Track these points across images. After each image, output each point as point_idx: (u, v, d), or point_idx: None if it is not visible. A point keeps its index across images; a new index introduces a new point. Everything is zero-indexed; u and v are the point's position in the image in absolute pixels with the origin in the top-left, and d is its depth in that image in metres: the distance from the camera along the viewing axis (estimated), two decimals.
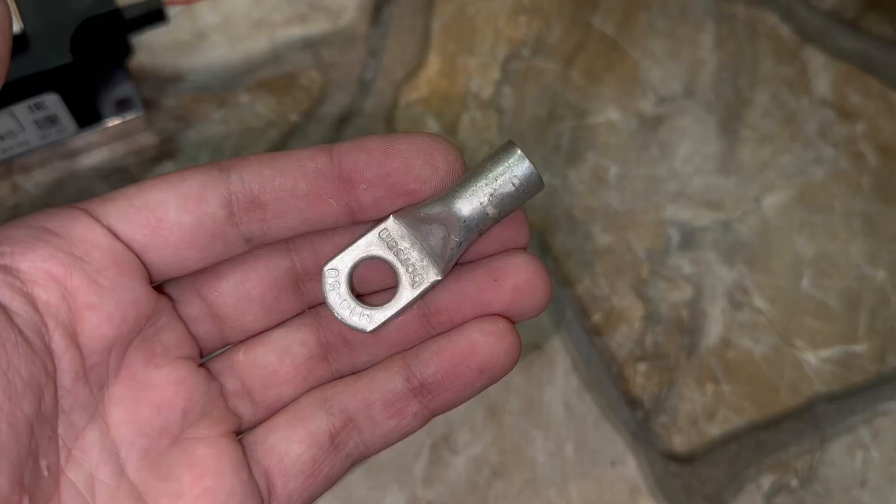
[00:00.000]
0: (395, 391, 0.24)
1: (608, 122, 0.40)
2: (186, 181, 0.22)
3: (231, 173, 0.23)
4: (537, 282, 0.24)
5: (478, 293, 0.24)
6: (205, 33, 0.40)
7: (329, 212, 0.23)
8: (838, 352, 0.36)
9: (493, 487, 0.33)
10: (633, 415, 0.34)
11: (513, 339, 0.24)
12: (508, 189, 0.23)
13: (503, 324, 0.24)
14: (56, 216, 0.22)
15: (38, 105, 0.33)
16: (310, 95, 0.39)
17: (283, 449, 0.23)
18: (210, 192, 0.22)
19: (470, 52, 0.41)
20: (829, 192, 0.39)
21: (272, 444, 0.24)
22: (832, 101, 0.41)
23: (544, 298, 0.24)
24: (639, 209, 0.38)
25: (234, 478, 0.23)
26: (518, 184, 0.23)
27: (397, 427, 0.24)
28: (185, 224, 0.22)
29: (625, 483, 0.33)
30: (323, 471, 0.24)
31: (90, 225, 0.22)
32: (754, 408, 0.35)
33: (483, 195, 0.23)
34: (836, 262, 0.38)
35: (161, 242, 0.22)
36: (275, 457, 0.23)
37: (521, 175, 0.23)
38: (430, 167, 0.23)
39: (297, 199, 0.23)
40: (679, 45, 0.42)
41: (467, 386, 0.24)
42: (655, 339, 0.36)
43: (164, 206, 0.22)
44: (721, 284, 0.37)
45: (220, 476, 0.22)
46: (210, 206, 0.22)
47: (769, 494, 0.34)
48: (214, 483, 0.22)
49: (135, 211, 0.22)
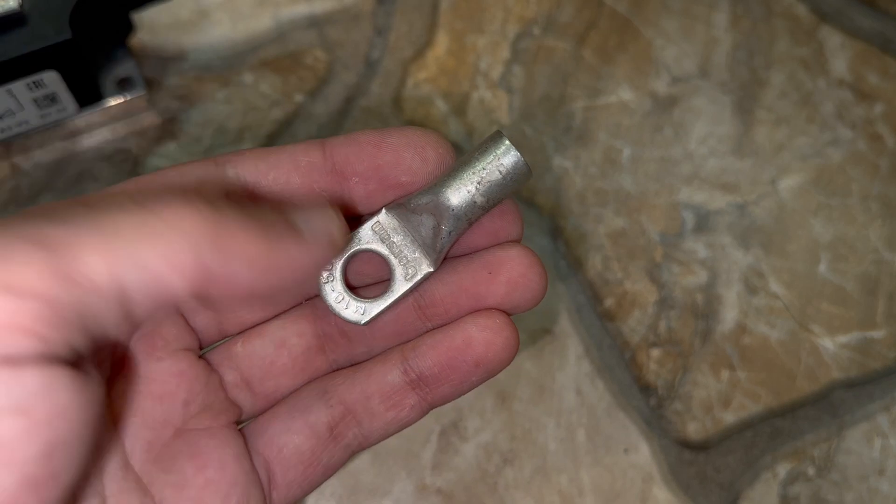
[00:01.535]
0: (392, 384, 0.24)
1: (621, 103, 0.39)
2: (185, 176, 0.22)
3: (227, 168, 0.23)
4: (531, 275, 0.23)
5: (473, 286, 0.24)
6: (207, 11, 0.39)
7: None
8: (856, 337, 0.36)
9: (503, 475, 0.32)
10: (646, 401, 0.34)
11: (509, 333, 0.23)
12: (496, 177, 0.23)
13: (500, 318, 0.23)
14: (59, 211, 0.21)
15: (37, 83, 0.32)
16: (315, 75, 0.38)
17: (283, 440, 0.23)
18: (207, 188, 0.22)
19: (479, 31, 0.40)
20: (846, 175, 0.38)
21: (272, 434, 0.24)
22: (849, 82, 0.40)
23: (539, 291, 0.23)
24: (652, 191, 0.37)
25: (236, 468, 0.23)
26: (505, 172, 0.23)
27: (395, 419, 0.24)
28: None
29: (638, 471, 0.33)
30: (322, 461, 0.24)
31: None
32: (770, 394, 0.34)
33: (471, 184, 0.23)
34: (854, 246, 0.37)
35: None
36: (274, 447, 0.23)
37: (508, 163, 0.23)
38: (421, 159, 0.23)
39: (290, 193, 0.23)
40: (693, 24, 0.41)
41: (464, 380, 0.24)
42: (669, 325, 0.35)
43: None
44: (736, 269, 0.36)
45: (223, 466, 0.23)
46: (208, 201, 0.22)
47: (785, 483, 0.33)
48: (217, 473, 0.22)
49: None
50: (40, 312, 0.14)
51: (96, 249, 0.15)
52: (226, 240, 0.17)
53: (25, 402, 0.14)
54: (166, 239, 0.16)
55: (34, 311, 0.14)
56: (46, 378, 0.14)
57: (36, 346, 0.14)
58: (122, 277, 0.15)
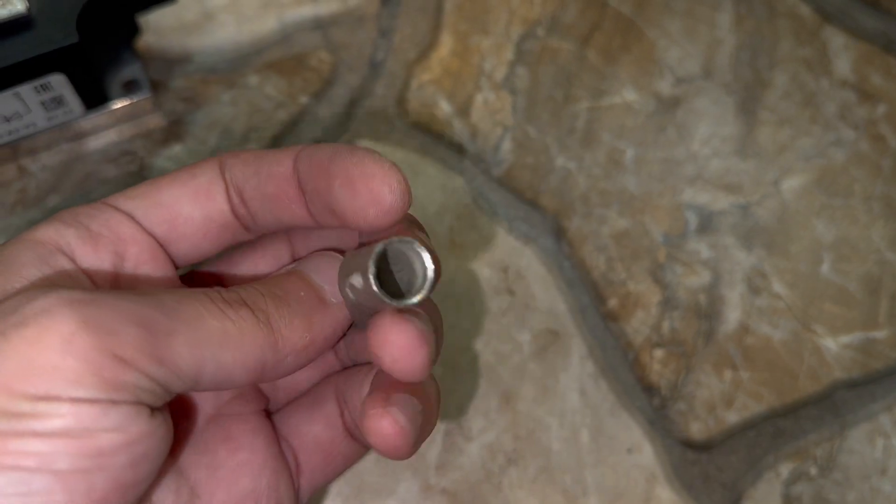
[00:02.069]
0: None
1: (625, 104, 0.39)
2: (196, 178, 0.24)
3: (226, 170, 0.24)
4: (410, 358, 0.21)
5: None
6: (212, 13, 0.39)
7: (296, 215, 0.23)
8: (858, 338, 0.36)
9: (507, 475, 0.32)
10: (649, 401, 0.34)
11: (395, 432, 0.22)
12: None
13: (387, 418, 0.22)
14: (96, 217, 0.23)
15: (44, 86, 0.32)
16: (319, 76, 0.38)
17: (305, 429, 0.25)
18: (215, 188, 0.24)
19: (483, 32, 0.40)
20: (849, 176, 0.39)
21: (295, 423, 0.25)
22: (853, 82, 0.41)
23: (417, 372, 0.21)
24: (656, 192, 0.37)
25: (266, 451, 0.24)
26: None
27: None
28: (198, 218, 0.24)
29: (641, 471, 0.33)
30: (340, 451, 0.25)
31: (125, 221, 0.23)
32: (773, 394, 0.34)
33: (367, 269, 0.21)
34: (857, 247, 0.37)
35: (178, 236, 0.24)
36: (298, 435, 0.25)
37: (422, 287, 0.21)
38: (350, 193, 0.21)
39: (267, 201, 0.23)
40: (696, 25, 0.41)
41: None
42: (672, 325, 0.35)
43: (179, 202, 0.23)
44: (739, 269, 0.36)
45: (254, 449, 0.24)
46: (216, 202, 0.24)
47: (788, 482, 0.33)
48: (249, 456, 0.24)
49: (156, 208, 0.23)
50: (137, 380, 0.18)
51: (187, 343, 0.19)
52: (282, 344, 0.21)
53: (121, 424, 0.18)
54: (241, 345, 0.20)
55: (133, 378, 0.18)
56: (136, 412, 0.19)
57: (130, 397, 0.18)
58: (201, 368, 0.20)
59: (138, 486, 0.19)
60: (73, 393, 0.17)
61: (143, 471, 0.19)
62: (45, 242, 0.22)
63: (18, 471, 0.17)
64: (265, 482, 0.24)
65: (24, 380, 0.17)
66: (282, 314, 0.21)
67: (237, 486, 0.24)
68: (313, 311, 0.22)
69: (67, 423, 0.17)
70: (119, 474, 0.18)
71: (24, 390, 0.17)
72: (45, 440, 0.17)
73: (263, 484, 0.24)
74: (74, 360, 0.18)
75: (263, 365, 0.21)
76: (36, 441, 0.17)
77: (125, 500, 0.19)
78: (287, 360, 0.21)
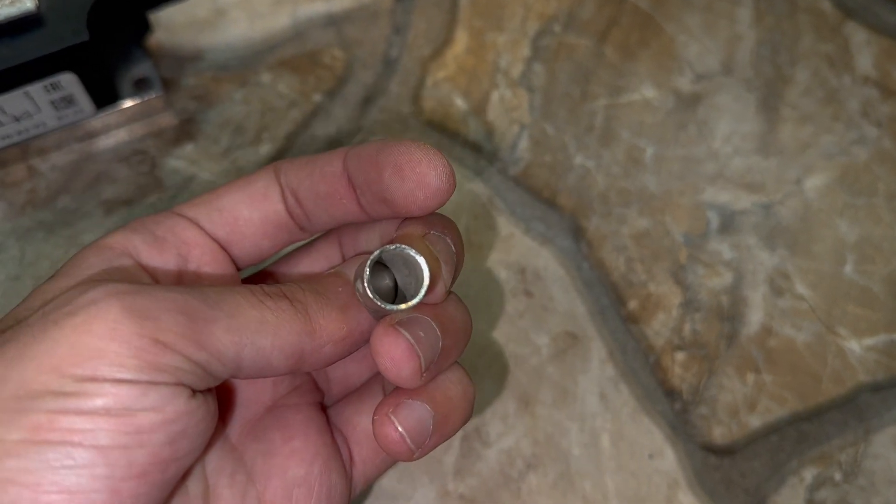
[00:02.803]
0: None
1: (643, 101, 0.38)
2: (252, 184, 0.26)
3: (280, 175, 0.26)
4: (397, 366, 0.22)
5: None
6: (224, 10, 0.39)
7: (349, 210, 0.25)
8: (883, 340, 0.35)
9: (526, 480, 0.32)
10: (671, 406, 0.33)
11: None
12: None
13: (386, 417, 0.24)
14: (162, 223, 0.25)
15: (54, 85, 0.32)
16: (333, 74, 0.38)
17: (356, 419, 0.27)
18: (271, 191, 0.26)
19: (499, 28, 0.39)
20: (872, 174, 0.38)
21: (347, 415, 0.27)
22: (875, 79, 0.40)
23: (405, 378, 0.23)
24: (676, 191, 0.37)
25: (319, 440, 0.26)
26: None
27: None
28: (256, 220, 0.26)
29: (663, 476, 0.32)
30: None
31: (189, 227, 0.25)
32: (796, 398, 0.34)
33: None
34: (880, 247, 0.36)
35: (239, 237, 0.26)
36: (350, 426, 0.27)
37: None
38: (399, 178, 0.23)
39: (320, 199, 0.25)
40: (716, 20, 0.40)
41: None
42: (694, 327, 0.34)
43: (238, 206, 0.25)
44: (762, 270, 0.36)
45: (307, 438, 0.25)
46: (273, 203, 0.26)
47: (812, 488, 0.33)
48: (302, 444, 0.25)
49: (217, 213, 0.25)
50: (178, 363, 0.20)
51: (227, 329, 0.21)
52: (319, 332, 0.22)
53: (159, 404, 0.19)
54: (278, 332, 0.22)
55: (174, 361, 0.20)
56: (175, 393, 0.20)
57: (170, 378, 0.20)
58: (241, 353, 0.21)
59: (178, 463, 0.21)
60: (115, 374, 0.19)
61: (182, 448, 0.20)
62: (113, 247, 0.24)
63: (65, 446, 0.19)
64: (317, 469, 0.25)
65: (72, 363, 0.19)
66: (320, 306, 0.23)
67: (290, 473, 0.25)
68: (350, 305, 0.23)
69: (108, 402, 0.19)
70: (158, 450, 0.20)
71: (72, 372, 0.19)
72: (89, 418, 0.19)
73: (315, 471, 0.25)
74: (118, 345, 0.19)
75: (301, 351, 0.22)
76: (80, 418, 0.19)
77: (165, 475, 0.20)
78: (325, 349, 0.23)
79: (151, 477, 0.20)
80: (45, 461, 0.19)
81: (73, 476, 0.19)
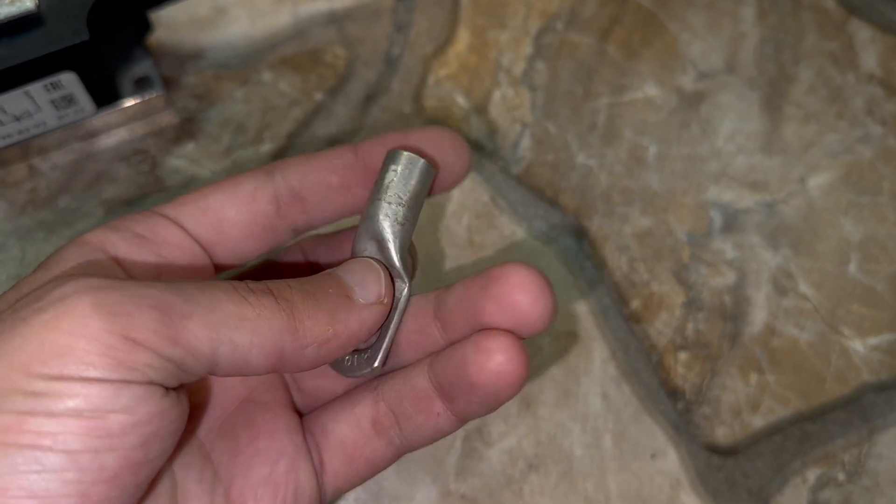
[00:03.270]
0: (421, 388, 0.25)
1: (646, 99, 0.38)
2: (241, 186, 0.26)
3: (275, 174, 0.26)
4: (524, 294, 0.23)
5: (470, 301, 0.24)
6: (225, 8, 0.38)
7: (359, 200, 0.26)
8: (887, 339, 0.35)
9: (528, 481, 0.32)
10: (673, 406, 0.33)
11: (507, 356, 0.23)
12: (403, 183, 0.25)
13: (501, 341, 0.23)
14: (143, 221, 0.25)
15: (55, 84, 0.32)
16: (335, 72, 0.38)
17: (331, 427, 0.26)
18: (260, 193, 0.25)
19: (501, 26, 0.39)
20: (877, 172, 0.38)
21: (323, 421, 0.26)
22: (880, 77, 0.39)
23: (536, 311, 0.23)
24: (679, 190, 0.36)
25: (286, 440, 0.25)
26: (408, 175, 0.25)
27: (426, 423, 0.25)
28: (243, 221, 0.25)
29: (665, 476, 0.32)
30: (363, 454, 0.25)
31: (170, 226, 0.25)
32: (800, 398, 0.34)
33: (385, 198, 0.25)
34: (885, 246, 0.36)
35: (224, 238, 0.25)
36: (324, 433, 0.26)
37: (407, 168, 0.25)
38: (440, 155, 0.26)
39: (330, 192, 0.26)
40: (719, 18, 0.40)
41: (469, 398, 0.24)
42: (697, 327, 0.34)
43: (224, 207, 0.25)
44: (765, 269, 0.35)
45: (273, 437, 0.25)
46: (261, 205, 0.25)
47: (815, 488, 0.32)
48: (267, 444, 0.25)
49: (202, 213, 0.25)
50: (150, 360, 0.19)
51: (203, 324, 0.20)
52: (303, 333, 0.22)
53: (131, 405, 0.19)
54: (257, 328, 0.21)
55: (145, 358, 0.19)
56: (147, 392, 0.19)
57: (141, 377, 0.19)
58: (217, 350, 0.20)
59: (150, 465, 0.20)
60: (83, 373, 0.18)
61: (154, 450, 0.20)
62: (90, 242, 0.23)
63: (34, 449, 0.18)
64: (282, 469, 0.25)
65: (41, 361, 0.18)
66: (306, 305, 0.22)
67: (254, 472, 0.25)
68: (339, 307, 0.23)
69: (78, 403, 0.18)
70: (130, 454, 0.19)
71: (40, 371, 0.18)
72: (58, 420, 0.18)
73: (280, 470, 0.25)
74: (86, 342, 0.18)
75: (282, 350, 0.21)
76: (50, 421, 0.18)
77: (137, 478, 0.20)
78: (308, 351, 0.22)
79: (122, 480, 0.19)
80: (12, 465, 0.18)
81: (41, 481, 0.18)
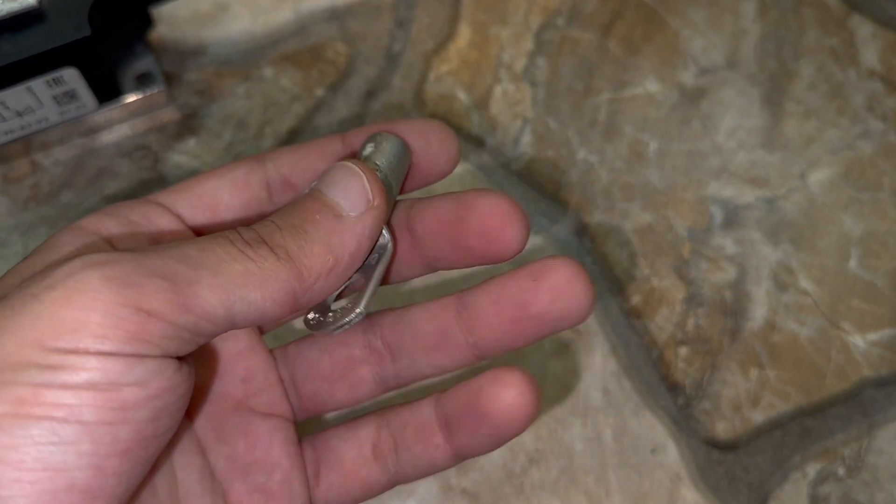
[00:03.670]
0: (425, 418, 0.25)
1: (647, 95, 0.38)
2: (233, 171, 0.26)
3: (266, 162, 0.26)
4: (577, 284, 0.24)
5: (517, 293, 0.24)
6: (227, 4, 0.39)
7: None
8: (887, 335, 0.35)
9: (529, 475, 0.32)
10: (674, 400, 0.33)
11: (521, 391, 0.24)
12: (377, 155, 0.25)
13: (518, 376, 0.24)
14: (137, 208, 0.25)
15: (57, 80, 0.32)
16: (336, 68, 0.38)
17: (332, 443, 0.26)
18: (253, 178, 0.26)
19: (502, 22, 0.39)
20: (877, 168, 0.38)
21: (328, 436, 0.26)
22: (881, 73, 0.40)
23: (584, 302, 0.24)
24: (680, 186, 0.36)
25: (281, 452, 0.25)
26: (383, 147, 0.25)
27: (423, 454, 0.25)
28: (236, 206, 0.26)
29: (665, 471, 0.32)
30: (360, 475, 0.26)
31: (165, 213, 0.25)
32: (800, 393, 0.34)
33: None
34: (885, 242, 0.36)
35: (219, 223, 0.26)
36: (326, 448, 0.26)
37: (388, 149, 0.25)
38: (424, 143, 0.26)
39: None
40: (720, 14, 0.40)
41: (475, 432, 0.24)
42: (697, 322, 0.34)
43: (220, 192, 0.26)
44: (766, 265, 0.35)
45: (269, 448, 0.25)
46: (254, 190, 0.26)
47: (815, 483, 0.33)
48: (263, 454, 0.25)
49: (197, 199, 0.25)
50: (163, 331, 0.19)
51: (212, 288, 0.20)
52: (307, 273, 0.22)
53: (144, 378, 0.19)
54: (265, 283, 0.21)
55: (159, 329, 0.19)
56: (161, 366, 0.19)
57: (155, 349, 0.19)
58: (232, 309, 0.20)
59: (158, 441, 0.20)
60: (98, 346, 0.18)
61: (163, 425, 0.20)
62: (85, 228, 0.24)
63: (50, 421, 0.18)
64: (278, 478, 0.25)
65: (54, 335, 0.18)
66: (300, 244, 0.22)
67: (250, 480, 0.25)
68: (332, 231, 0.23)
69: (93, 376, 0.18)
70: (142, 427, 0.19)
71: (55, 345, 0.18)
72: (74, 392, 0.18)
73: (275, 480, 0.25)
74: (100, 316, 0.19)
75: (293, 295, 0.22)
76: (65, 393, 0.18)
77: (146, 453, 0.20)
78: (317, 286, 0.22)
79: (134, 454, 0.20)
80: (29, 437, 0.18)
81: (58, 453, 0.18)
